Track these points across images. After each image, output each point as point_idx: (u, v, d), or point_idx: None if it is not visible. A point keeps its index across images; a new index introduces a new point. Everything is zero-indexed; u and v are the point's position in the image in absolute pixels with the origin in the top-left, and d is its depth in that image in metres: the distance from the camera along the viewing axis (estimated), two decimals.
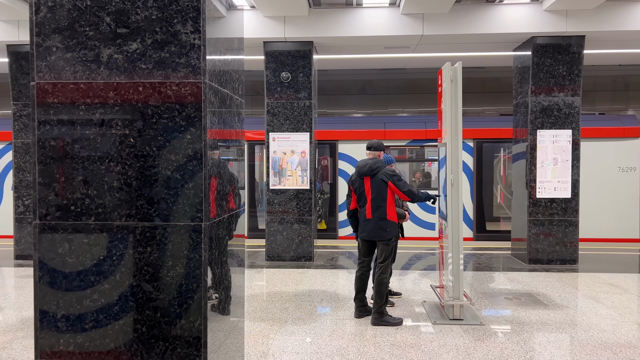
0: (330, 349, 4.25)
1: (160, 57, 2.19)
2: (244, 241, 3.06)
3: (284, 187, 8.04)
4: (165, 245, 2.22)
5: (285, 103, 8.01)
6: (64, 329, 2.25)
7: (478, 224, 10.32)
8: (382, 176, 4.85)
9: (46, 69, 2.22)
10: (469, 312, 5.21)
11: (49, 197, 2.23)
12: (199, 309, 2.22)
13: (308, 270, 7.41)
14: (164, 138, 2.20)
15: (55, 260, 2.25)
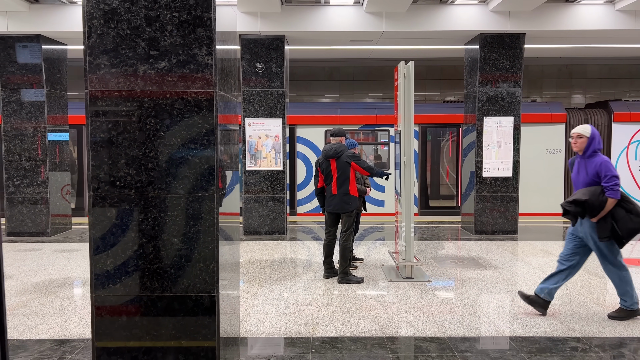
0: (303, 300, 5.17)
1: (183, 72, 2.98)
2: (238, 218, 3.88)
3: (259, 168, 8.85)
4: (187, 210, 3.04)
5: (260, 91, 8.78)
6: (114, 278, 3.05)
7: (422, 201, 11.41)
8: (345, 158, 5.76)
9: (96, 80, 2.98)
10: (419, 272, 6.21)
11: (99, 175, 3.01)
12: (213, 255, 3.06)
13: (282, 242, 8.30)
14: (186, 132, 3.01)
15: (104, 222, 3.04)
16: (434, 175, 13.78)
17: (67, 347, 3.97)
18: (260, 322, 4.55)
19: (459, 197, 10.81)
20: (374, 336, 4.18)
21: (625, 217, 4.25)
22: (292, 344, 4.05)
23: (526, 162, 10.75)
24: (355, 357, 3.78)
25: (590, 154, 4.44)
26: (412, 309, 4.88)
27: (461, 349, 3.93)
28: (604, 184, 4.29)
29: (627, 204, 4.31)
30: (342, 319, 4.60)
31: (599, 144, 4.44)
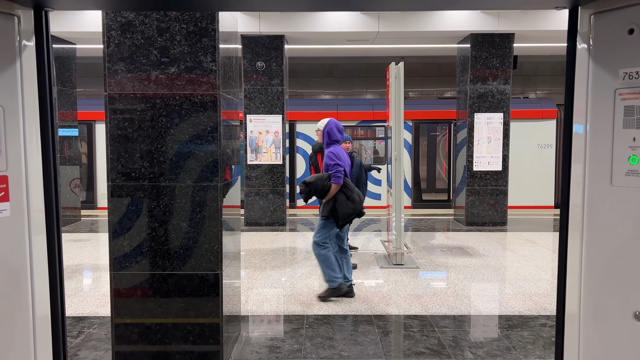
0: (300, 284, 5.59)
1: (190, 77, 3.39)
2: (239, 210, 4.28)
3: (260, 162, 9.27)
4: (194, 198, 3.46)
5: (261, 88, 9.19)
6: (130, 258, 3.47)
7: (415, 194, 11.82)
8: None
9: (114, 84, 3.39)
10: (409, 259, 6.63)
11: (117, 167, 3.43)
12: (217, 237, 3.48)
13: (282, 233, 8.73)
14: (193, 129, 3.42)
15: (121, 209, 3.46)
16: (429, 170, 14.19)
17: (85, 323, 4.40)
18: (260, 302, 4.97)
19: (452, 190, 11.21)
20: (362, 314, 4.61)
21: (344, 202, 4.91)
22: (289, 320, 4.48)
23: (518, 157, 11.14)
24: (344, 332, 4.20)
25: (326, 144, 5.13)
26: (399, 291, 5.30)
27: (441, 325, 4.35)
28: (330, 172, 4.94)
29: (348, 191, 4.97)
30: (334, 299, 5.02)
31: (335, 136, 5.08)
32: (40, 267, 1.54)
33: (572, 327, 1.69)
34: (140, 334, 3.50)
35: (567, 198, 1.61)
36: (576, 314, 1.64)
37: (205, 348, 3.51)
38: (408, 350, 3.86)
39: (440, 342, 3.97)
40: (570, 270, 1.67)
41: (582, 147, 1.49)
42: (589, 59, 1.51)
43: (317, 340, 4.02)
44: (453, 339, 4.03)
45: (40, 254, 1.53)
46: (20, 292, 1.45)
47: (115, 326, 3.51)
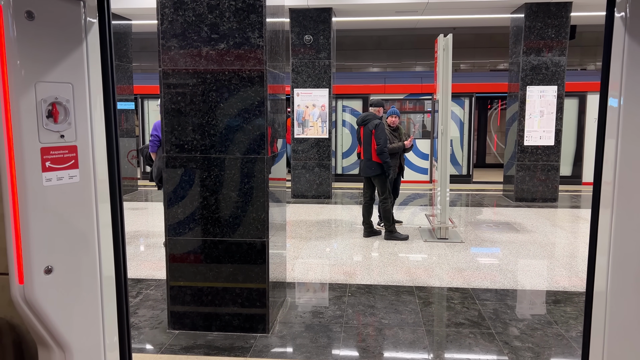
0: (343, 255, 5.74)
1: (239, 53, 3.51)
2: (285, 183, 4.42)
3: (306, 136, 9.40)
4: (242, 169, 3.62)
5: (308, 62, 9.25)
6: (184, 225, 3.69)
7: (467, 169, 11.61)
8: (370, 126, 6.19)
9: (167, 60, 3.57)
10: (453, 233, 6.64)
11: (171, 139, 3.63)
12: (263, 207, 3.64)
13: (327, 205, 8.89)
14: (241, 103, 3.56)
15: (175, 179, 3.67)
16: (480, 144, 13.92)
17: (143, 285, 4.73)
18: (305, 271, 5.16)
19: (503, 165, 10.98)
20: (404, 285, 4.71)
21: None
22: (332, 288, 4.64)
23: (572, 131, 10.76)
24: (385, 301, 4.32)
25: None
26: (442, 265, 5.35)
27: (482, 297, 4.39)
28: None
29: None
30: (378, 271, 5.14)
31: None
32: (105, 232, 1.68)
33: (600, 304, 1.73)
34: (193, 295, 3.75)
35: (600, 175, 1.62)
36: (604, 291, 1.68)
37: (253, 311, 3.72)
38: (448, 320, 3.94)
39: (481, 314, 4.03)
40: (600, 248, 1.70)
41: (615, 122, 1.50)
42: (625, 29, 1.51)
43: (359, 308, 4.17)
44: (494, 312, 4.08)
45: (105, 220, 1.68)
46: (89, 255, 1.61)
47: (170, 288, 3.78)
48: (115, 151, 1.72)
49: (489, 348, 3.47)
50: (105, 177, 1.68)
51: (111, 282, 1.73)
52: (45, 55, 1.42)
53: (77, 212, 1.56)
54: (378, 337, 3.65)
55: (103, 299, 1.67)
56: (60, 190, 1.49)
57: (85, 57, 1.55)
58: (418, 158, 11.43)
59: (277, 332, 3.74)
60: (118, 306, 1.75)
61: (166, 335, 3.68)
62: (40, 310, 1.43)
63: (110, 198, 1.72)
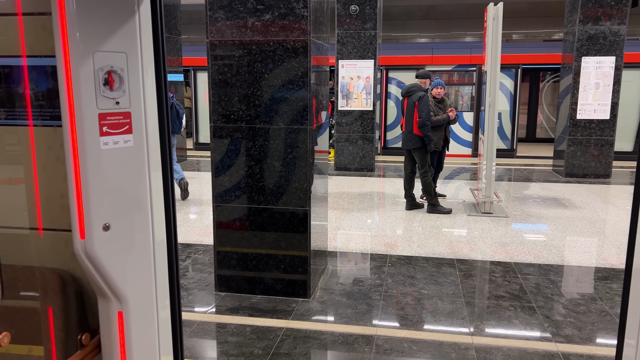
0: (385, 226, 5.78)
1: (283, 23, 3.55)
2: (328, 154, 4.47)
3: (350, 108, 9.38)
4: (286, 140, 3.70)
5: (353, 33, 9.16)
6: (230, 193, 3.83)
7: (514, 143, 11.27)
8: (414, 98, 6.10)
9: (215, 31, 3.65)
10: (498, 208, 6.54)
11: (218, 109, 3.74)
12: (305, 177, 3.72)
13: (370, 178, 8.90)
14: (285, 74, 3.61)
15: (221, 148, 3.80)
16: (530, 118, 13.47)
17: (192, 250, 4.95)
18: (346, 241, 5.25)
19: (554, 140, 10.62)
20: (445, 258, 4.72)
21: None
22: (372, 258, 4.71)
23: (631, 105, 10.24)
24: (425, 272, 4.36)
25: None
26: (485, 239, 5.31)
27: (524, 272, 4.35)
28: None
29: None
30: (419, 243, 5.17)
31: None
32: (157, 198, 1.77)
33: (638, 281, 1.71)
34: (239, 260, 3.91)
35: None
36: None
37: (295, 277, 3.85)
38: (488, 293, 3.95)
39: (522, 288, 4.00)
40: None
41: None
42: None
43: (398, 278, 4.23)
44: (535, 286, 4.04)
45: (157, 186, 1.77)
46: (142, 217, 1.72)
47: (217, 253, 3.95)
48: (165, 119, 1.80)
49: (529, 321, 3.47)
50: (157, 143, 1.77)
51: (163, 245, 1.83)
52: (101, 25, 1.51)
53: (131, 175, 1.67)
54: (417, 307, 3.70)
55: (155, 260, 1.78)
56: (116, 154, 1.60)
57: (138, 28, 1.63)
58: (462, 129, 11.21)
59: (318, 298, 3.85)
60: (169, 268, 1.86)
61: (213, 297, 3.87)
62: (99, 263, 1.55)
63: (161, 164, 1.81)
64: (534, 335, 3.29)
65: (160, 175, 1.79)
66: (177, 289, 1.90)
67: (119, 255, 1.60)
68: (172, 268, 1.86)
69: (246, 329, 3.36)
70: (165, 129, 1.77)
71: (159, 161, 1.77)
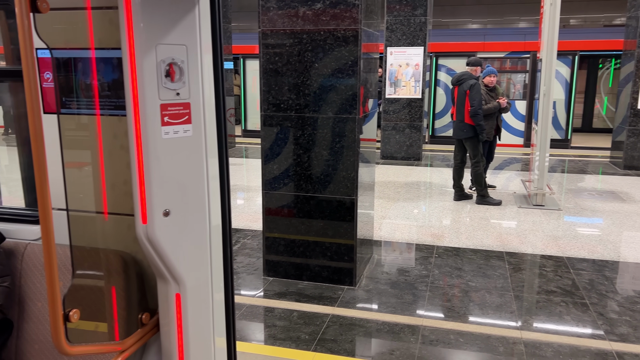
0: (433, 217, 5.73)
1: (334, 12, 3.55)
2: (375, 143, 4.46)
3: (398, 96, 9.27)
4: (334, 129, 3.72)
5: (403, 20, 9.02)
6: (278, 180, 3.90)
7: (570, 133, 10.81)
8: (465, 86, 5.96)
9: (267, 21, 3.69)
10: (551, 200, 6.34)
11: (268, 98, 3.80)
12: (353, 166, 3.74)
13: (417, 167, 8.81)
14: (335, 63, 3.62)
15: (271, 136, 3.86)
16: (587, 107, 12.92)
17: (241, 234, 5.07)
18: (392, 230, 5.24)
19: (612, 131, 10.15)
20: (494, 250, 4.63)
21: None
22: (418, 249, 4.69)
23: None
24: (473, 264, 4.30)
25: None
26: (536, 232, 5.17)
27: (577, 267, 4.22)
28: None
29: None
30: (467, 234, 5.09)
31: None
32: (214, 185, 1.84)
33: None
34: (286, 246, 3.98)
35: None
36: None
37: (341, 264, 3.89)
38: (538, 287, 3.86)
39: (575, 284, 3.89)
40: None
41: None
42: None
43: (445, 269, 4.19)
44: (589, 282, 3.92)
45: (213, 174, 1.83)
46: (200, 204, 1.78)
47: (266, 239, 4.03)
48: (222, 109, 1.86)
49: (582, 318, 3.37)
50: (213, 133, 1.82)
51: (218, 230, 1.89)
52: (164, 19, 1.56)
53: (189, 164, 1.73)
54: (464, 299, 3.67)
55: (211, 244, 1.84)
56: (176, 143, 1.67)
57: (198, 20, 1.68)
58: (514, 118, 10.87)
59: (364, 286, 3.88)
60: (223, 252, 1.92)
61: (261, 281, 3.97)
62: (159, 247, 1.63)
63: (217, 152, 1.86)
64: (586, 332, 3.20)
65: (217, 162, 1.85)
66: (230, 273, 1.96)
67: (177, 239, 1.67)
68: (226, 252, 1.92)
69: (293, 314, 3.43)
70: (222, 119, 1.83)
71: (215, 149, 1.83)
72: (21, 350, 1.91)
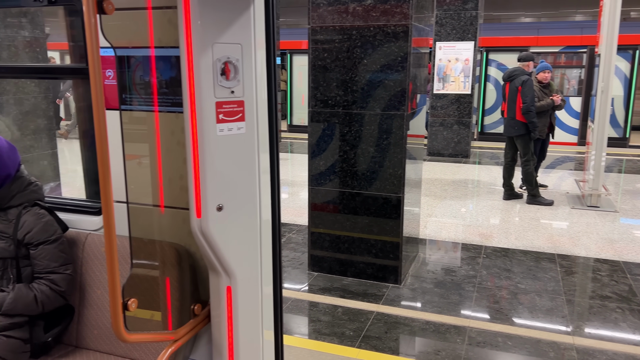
0: (480, 216, 5.61)
1: (385, 8, 3.52)
2: (423, 140, 4.40)
3: (446, 91, 9.10)
4: (381, 125, 3.70)
5: (453, 14, 8.83)
6: (324, 176, 3.92)
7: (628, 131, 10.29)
8: (517, 82, 5.77)
9: (316, 17, 3.70)
10: (606, 201, 6.08)
11: (316, 95, 3.82)
12: (400, 163, 3.70)
13: (465, 165, 8.63)
14: (384, 59, 3.59)
15: (318, 132, 3.88)
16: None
17: (286, 229, 5.13)
18: (438, 229, 5.16)
19: None
20: (545, 252, 4.49)
21: None
22: (466, 248, 4.60)
23: None
24: (523, 266, 4.18)
25: None
26: (590, 234, 4.98)
27: (635, 272, 4.03)
28: None
29: None
30: (516, 235, 4.96)
31: None
32: (265, 182, 1.87)
33: None
34: (331, 242, 4.00)
35: None
36: None
37: (386, 262, 3.87)
38: (592, 292, 3.71)
39: (632, 290, 3.72)
40: None
41: None
42: None
43: (494, 270, 4.10)
44: None
45: (265, 171, 1.87)
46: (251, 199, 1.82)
47: (311, 234, 4.06)
48: (274, 106, 1.88)
49: (639, 325, 3.22)
50: (265, 130, 1.85)
51: (268, 224, 1.92)
52: (220, 18, 1.60)
53: (242, 161, 1.76)
54: (513, 301, 3.58)
55: (261, 238, 1.87)
56: (230, 140, 1.70)
57: (253, 19, 1.70)
58: (568, 116, 10.46)
59: (409, 285, 3.85)
60: (273, 246, 1.95)
61: (306, 276, 4.00)
62: (212, 240, 1.67)
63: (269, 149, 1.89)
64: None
65: (268, 160, 1.87)
66: (279, 267, 1.99)
67: (230, 233, 1.71)
68: (275, 246, 1.95)
69: (337, 309, 3.45)
70: (274, 116, 1.85)
71: (267, 146, 1.86)
72: (81, 335, 2.01)
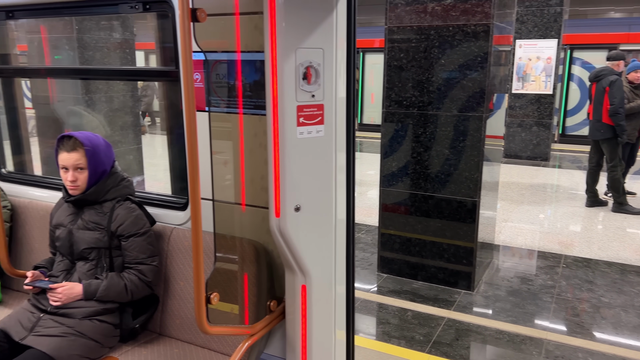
0: (559, 223, 5.33)
1: (465, 7, 3.43)
2: (501, 141, 4.25)
3: (526, 91, 8.72)
4: (457, 127, 3.61)
5: (535, 10, 8.44)
6: (396, 177, 3.89)
7: None
8: (604, 82, 5.40)
9: (393, 17, 3.68)
10: None
11: (391, 95, 3.79)
12: (477, 167, 3.60)
13: (544, 168, 8.24)
14: (462, 59, 3.51)
15: (391, 133, 3.86)
16: None
17: (356, 229, 5.13)
18: (514, 235, 4.97)
19: None
20: (632, 264, 4.20)
21: None
22: (543, 257, 4.40)
23: None
24: (607, 278, 3.94)
25: None
26: None
27: None
28: None
29: None
30: (600, 244, 4.67)
31: None
32: (341, 180, 1.90)
33: None
34: (402, 244, 3.96)
35: None
36: None
37: (459, 267, 3.78)
38: None
39: None
40: None
41: None
42: None
43: (574, 281, 3.89)
44: None
45: (341, 173, 1.89)
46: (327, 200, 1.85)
47: (381, 235, 4.05)
48: (352, 110, 1.90)
49: None
50: (343, 131, 1.87)
51: (343, 224, 1.95)
52: (304, 24, 1.63)
53: (320, 163, 1.80)
54: (595, 315, 3.38)
55: (336, 238, 1.90)
56: (309, 143, 1.74)
57: (335, 24, 1.73)
58: None
59: (482, 292, 3.74)
60: (347, 246, 1.97)
61: (375, 277, 4.00)
62: (290, 240, 1.72)
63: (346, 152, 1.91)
64: None
65: (344, 160, 1.90)
66: (352, 267, 2.01)
67: (306, 233, 1.75)
68: (349, 247, 1.97)
69: (407, 313, 3.42)
70: (352, 120, 1.87)
71: (344, 148, 1.88)
72: (164, 324, 2.13)
